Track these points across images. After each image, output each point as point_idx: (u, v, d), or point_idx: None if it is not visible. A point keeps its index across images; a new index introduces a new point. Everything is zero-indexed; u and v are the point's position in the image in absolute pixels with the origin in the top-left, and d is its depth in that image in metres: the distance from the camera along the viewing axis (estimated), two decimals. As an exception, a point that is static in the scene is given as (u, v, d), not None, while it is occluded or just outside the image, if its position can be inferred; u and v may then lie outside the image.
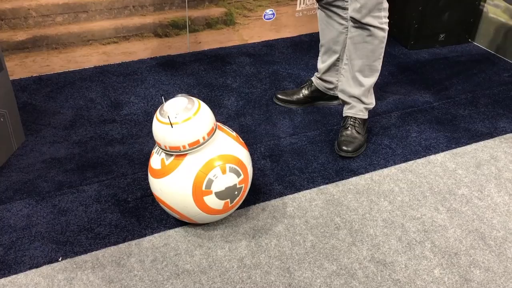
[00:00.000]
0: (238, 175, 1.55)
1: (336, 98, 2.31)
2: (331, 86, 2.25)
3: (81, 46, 2.52)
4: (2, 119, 1.89)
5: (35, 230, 1.63)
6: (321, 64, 2.22)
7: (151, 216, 1.69)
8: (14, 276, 1.48)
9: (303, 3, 2.88)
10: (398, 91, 2.46)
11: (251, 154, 1.94)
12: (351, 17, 1.88)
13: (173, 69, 2.61)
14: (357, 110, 2.05)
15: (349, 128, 2.03)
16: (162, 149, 1.51)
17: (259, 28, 2.86)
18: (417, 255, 1.58)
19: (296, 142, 2.08)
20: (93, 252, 1.56)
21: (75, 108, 2.26)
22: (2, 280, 1.46)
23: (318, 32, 3.11)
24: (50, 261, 1.53)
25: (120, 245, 1.58)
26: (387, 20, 1.90)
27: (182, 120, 1.45)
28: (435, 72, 2.64)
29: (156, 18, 2.61)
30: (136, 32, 2.60)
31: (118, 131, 2.12)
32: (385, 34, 1.91)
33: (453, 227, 1.69)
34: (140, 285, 1.46)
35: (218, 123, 1.62)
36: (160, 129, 1.47)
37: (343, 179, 1.89)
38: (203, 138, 1.48)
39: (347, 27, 2.04)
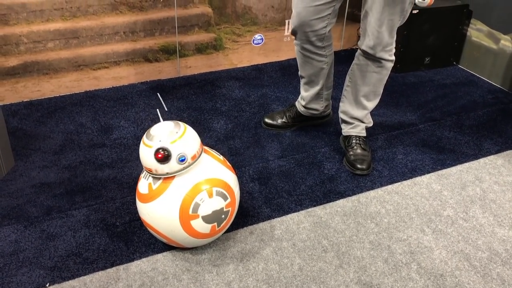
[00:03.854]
0: (225, 198, 1.56)
1: (323, 117, 2.34)
2: (317, 112, 2.25)
3: (72, 71, 2.55)
4: (-9, 145, 1.90)
5: (23, 256, 1.63)
6: (305, 93, 2.19)
7: (139, 240, 1.70)
8: (0, 302, 1.47)
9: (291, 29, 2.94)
10: (384, 113, 2.50)
11: (239, 177, 1.96)
12: (363, 50, 1.91)
13: (163, 93, 2.64)
14: (360, 130, 2.11)
15: (356, 147, 2.08)
16: (149, 173, 1.52)
17: (248, 53, 2.91)
18: (403, 277, 1.59)
19: (284, 164, 2.10)
20: (80, 277, 1.56)
21: (65, 133, 2.28)
22: (-11, 306, 1.46)
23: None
24: (38, 287, 1.52)
25: (108, 269, 1.59)
26: (394, 50, 1.94)
27: (168, 142, 1.47)
28: (420, 95, 2.69)
29: (146, 43, 2.65)
30: (126, 57, 2.64)
31: (107, 155, 2.13)
32: (392, 64, 1.96)
33: (439, 248, 1.71)
34: (127, 310, 1.46)
35: (205, 147, 1.65)
36: (146, 153, 1.49)
37: (330, 201, 1.91)
38: (192, 158, 1.50)
39: (327, 62, 2.05)
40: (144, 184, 1.56)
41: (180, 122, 1.55)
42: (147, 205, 1.53)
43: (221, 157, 1.67)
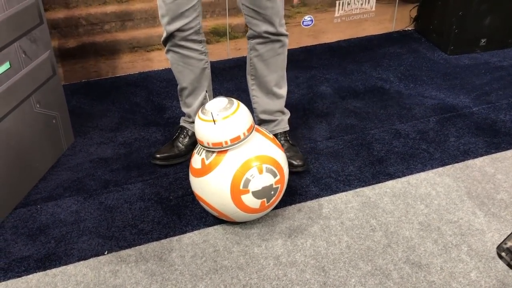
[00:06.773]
0: (275, 175, 1.60)
1: None
2: None
3: (126, 53, 2.64)
4: (54, 121, 2.01)
5: (83, 225, 1.73)
6: (188, 109, 1.98)
7: (192, 214, 1.76)
8: (64, 267, 1.57)
9: (342, 10, 2.92)
10: (436, 96, 2.45)
11: (288, 157, 1.98)
12: (260, 34, 1.77)
13: (213, 74, 2.65)
14: (283, 124, 1.99)
15: (285, 144, 1.96)
16: (205, 146, 1.57)
17: (297, 34, 2.91)
18: (453, 258, 1.58)
19: (332, 145, 2.11)
20: (136, 247, 1.64)
21: (121, 111, 2.37)
22: (54, 270, 1.56)
23: (356, 38, 3.14)
24: (97, 254, 1.62)
25: (162, 240, 1.66)
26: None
27: (223, 117, 1.52)
28: (475, 77, 2.61)
29: (197, 25, 2.70)
30: (178, 39, 2.70)
31: (161, 133, 2.21)
32: (288, 37, 1.83)
33: (491, 231, 1.67)
34: (180, 279, 1.53)
35: (256, 126, 1.68)
36: (203, 127, 1.54)
37: (379, 182, 1.90)
38: (244, 134, 1.54)
39: (207, 61, 1.92)
40: (197, 159, 1.61)
41: (234, 99, 1.60)
42: (199, 179, 1.59)
43: (271, 135, 1.70)
